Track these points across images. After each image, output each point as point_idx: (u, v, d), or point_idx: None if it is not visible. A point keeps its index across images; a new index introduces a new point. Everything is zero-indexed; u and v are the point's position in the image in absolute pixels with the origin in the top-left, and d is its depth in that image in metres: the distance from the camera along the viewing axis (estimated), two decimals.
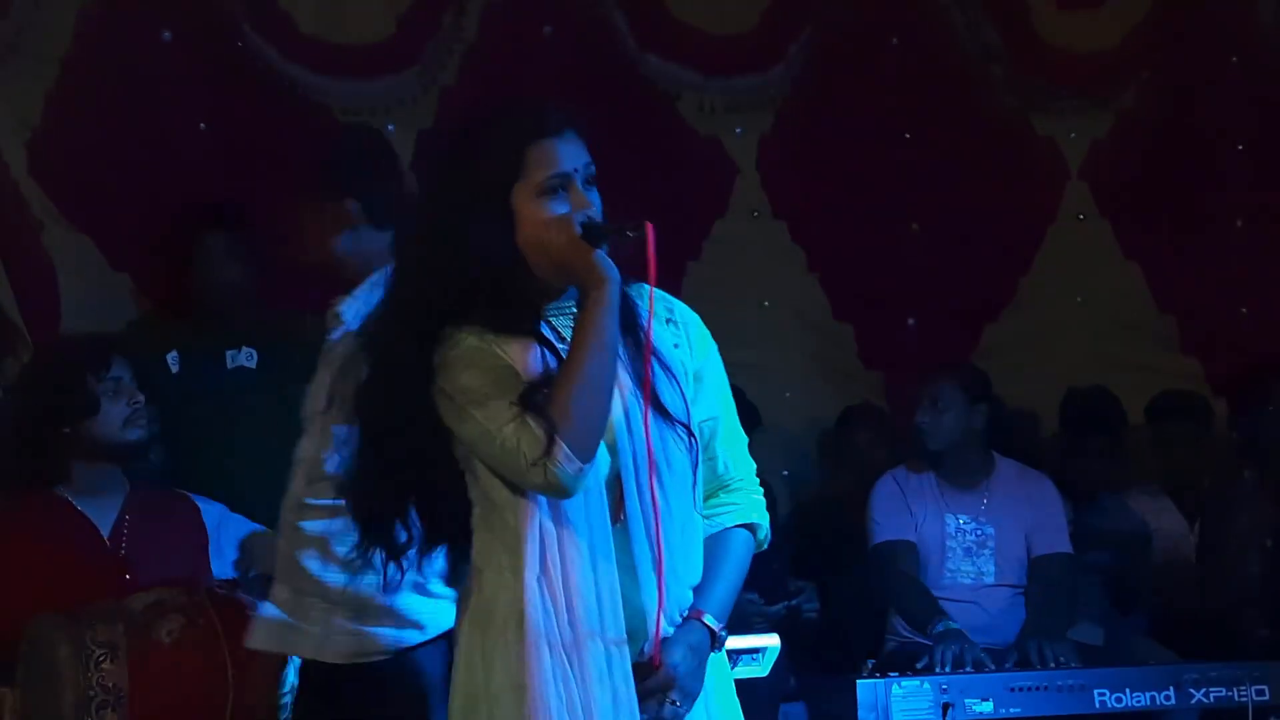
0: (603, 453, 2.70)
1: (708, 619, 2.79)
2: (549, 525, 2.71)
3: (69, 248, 5.35)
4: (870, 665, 4.48)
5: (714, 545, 2.85)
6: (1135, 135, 6.13)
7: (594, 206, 2.75)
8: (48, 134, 5.32)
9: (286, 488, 3.62)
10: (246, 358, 5.23)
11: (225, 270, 5.20)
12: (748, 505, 2.92)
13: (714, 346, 2.91)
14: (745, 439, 2.93)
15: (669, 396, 2.79)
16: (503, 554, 2.74)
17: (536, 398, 2.67)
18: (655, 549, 2.73)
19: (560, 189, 2.74)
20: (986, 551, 5.09)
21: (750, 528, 2.91)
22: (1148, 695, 4.36)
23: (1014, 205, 6.07)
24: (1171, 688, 4.37)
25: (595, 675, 2.69)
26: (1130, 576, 5.50)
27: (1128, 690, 4.36)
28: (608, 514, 2.73)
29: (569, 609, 2.70)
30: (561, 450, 2.62)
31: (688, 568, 2.79)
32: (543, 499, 2.70)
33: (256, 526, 4.71)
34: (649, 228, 2.69)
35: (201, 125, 5.47)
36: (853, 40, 5.96)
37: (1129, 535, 5.54)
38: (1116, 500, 5.61)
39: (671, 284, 2.86)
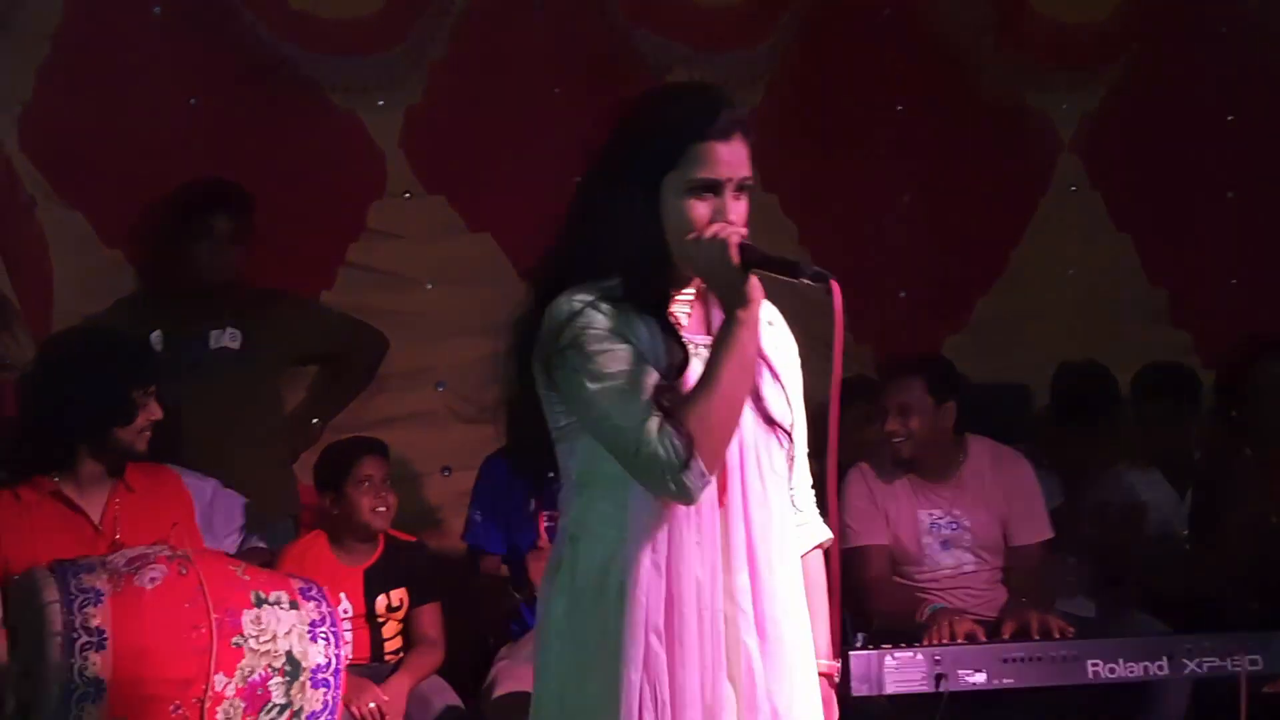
0: None
1: (821, 663, 2.88)
2: (661, 504, 2.73)
3: (61, 224, 5.36)
4: (862, 638, 4.49)
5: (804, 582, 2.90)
6: (1127, 107, 6.13)
7: (736, 219, 2.76)
8: (39, 110, 5.31)
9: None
10: (230, 338, 5.24)
11: (214, 249, 5.21)
12: (814, 522, 2.98)
13: (797, 358, 2.95)
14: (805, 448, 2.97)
15: (772, 398, 2.84)
16: (604, 524, 2.76)
17: (671, 401, 2.70)
18: (750, 537, 2.77)
19: (709, 192, 2.75)
20: (964, 543, 5.08)
21: (822, 546, 2.97)
22: (1141, 666, 4.36)
23: (1005, 177, 6.08)
24: (1165, 658, 4.37)
25: (691, 654, 2.72)
26: (1121, 549, 5.51)
27: (1121, 661, 4.36)
28: (715, 498, 2.76)
29: (670, 585, 2.73)
30: (697, 464, 2.66)
31: (781, 556, 2.82)
32: None
33: (246, 502, 4.74)
34: (835, 287, 2.69)
35: (191, 101, 5.46)
36: (843, 13, 5.96)
37: (1120, 508, 5.54)
38: (1108, 473, 5.61)
39: None
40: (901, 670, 4.31)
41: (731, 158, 2.76)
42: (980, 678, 4.34)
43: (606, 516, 2.76)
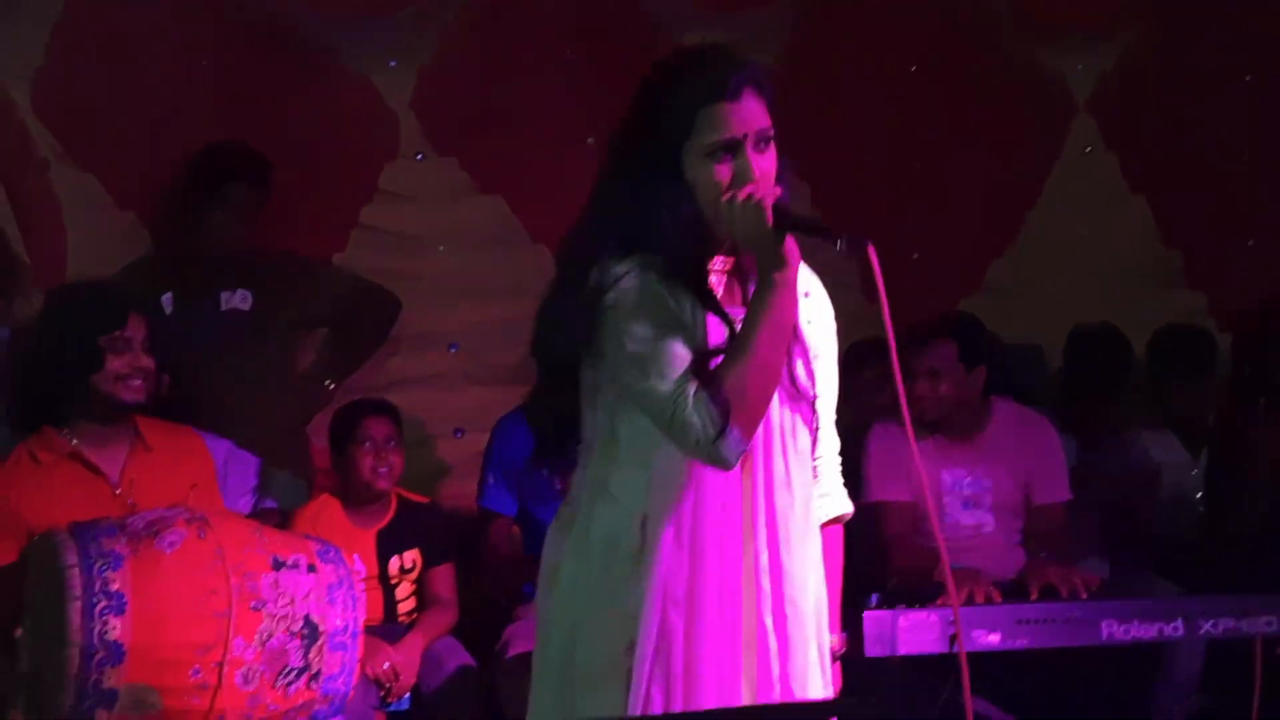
0: None
1: (831, 637, 2.89)
2: (685, 471, 2.72)
3: (75, 186, 5.35)
4: (876, 599, 4.48)
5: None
6: (1143, 68, 6.09)
7: (763, 173, 2.75)
8: (52, 72, 5.30)
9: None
10: (240, 300, 5.24)
11: (230, 217, 5.21)
12: (837, 493, 2.97)
13: (834, 325, 2.94)
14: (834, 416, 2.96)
15: (801, 375, 2.83)
16: (626, 488, 2.75)
17: (706, 368, 2.69)
18: (772, 517, 2.77)
19: (727, 153, 2.74)
20: (984, 504, 5.07)
21: (840, 519, 2.98)
22: (1155, 627, 4.34)
23: (1020, 139, 6.05)
24: (1180, 619, 4.35)
25: (710, 628, 2.72)
26: (1135, 511, 5.50)
27: (1135, 622, 4.34)
28: (739, 473, 2.75)
29: (691, 557, 2.72)
30: (734, 433, 2.65)
31: (801, 537, 2.82)
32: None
33: (260, 463, 4.74)
34: (872, 251, 2.68)
35: (204, 63, 5.45)
36: None
37: (1134, 470, 5.53)
38: (1122, 436, 5.60)
39: None
40: (916, 631, 4.30)
41: (743, 114, 2.75)
42: (995, 638, 4.32)
43: (629, 481, 2.75)
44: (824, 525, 2.93)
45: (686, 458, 2.71)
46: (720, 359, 2.71)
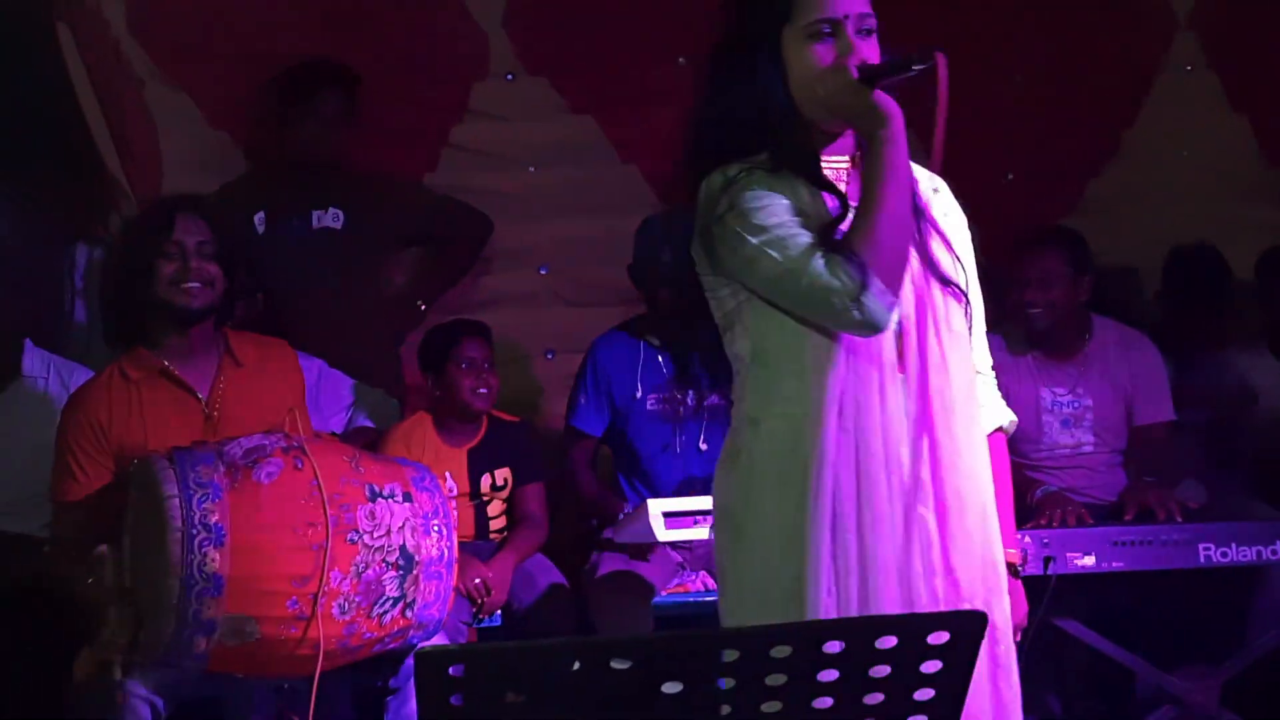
0: None
1: (1010, 551, 2.83)
2: (845, 369, 2.68)
3: (169, 105, 5.37)
4: None
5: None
6: None
7: (865, 56, 2.70)
8: None
9: None
10: (333, 218, 5.25)
11: (321, 126, 5.23)
12: (994, 404, 2.94)
13: (967, 229, 2.89)
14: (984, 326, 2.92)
15: (943, 258, 2.78)
16: (787, 403, 2.71)
17: (834, 237, 2.64)
18: (928, 401, 2.72)
19: (828, 35, 2.70)
20: (1085, 423, 5.02)
21: (1002, 430, 2.94)
22: (1253, 550, 4.31)
23: (1119, 56, 5.94)
24: (1278, 542, 4.32)
25: (883, 523, 2.67)
26: (1233, 434, 5.44)
27: (1233, 545, 4.31)
28: (895, 362, 2.71)
29: (858, 453, 2.68)
30: (876, 283, 2.60)
31: (964, 425, 2.76)
32: (838, 343, 2.67)
33: (353, 382, 4.77)
34: (940, 59, 2.64)
35: None
36: None
37: (1232, 393, 5.47)
38: (1219, 358, 5.53)
39: None
40: None
41: None
42: (1089, 561, 4.31)
43: (789, 395, 2.70)
44: (987, 434, 2.86)
45: (839, 352, 2.66)
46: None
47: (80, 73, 5.26)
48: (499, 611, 4.77)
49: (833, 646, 1.75)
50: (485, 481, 4.95)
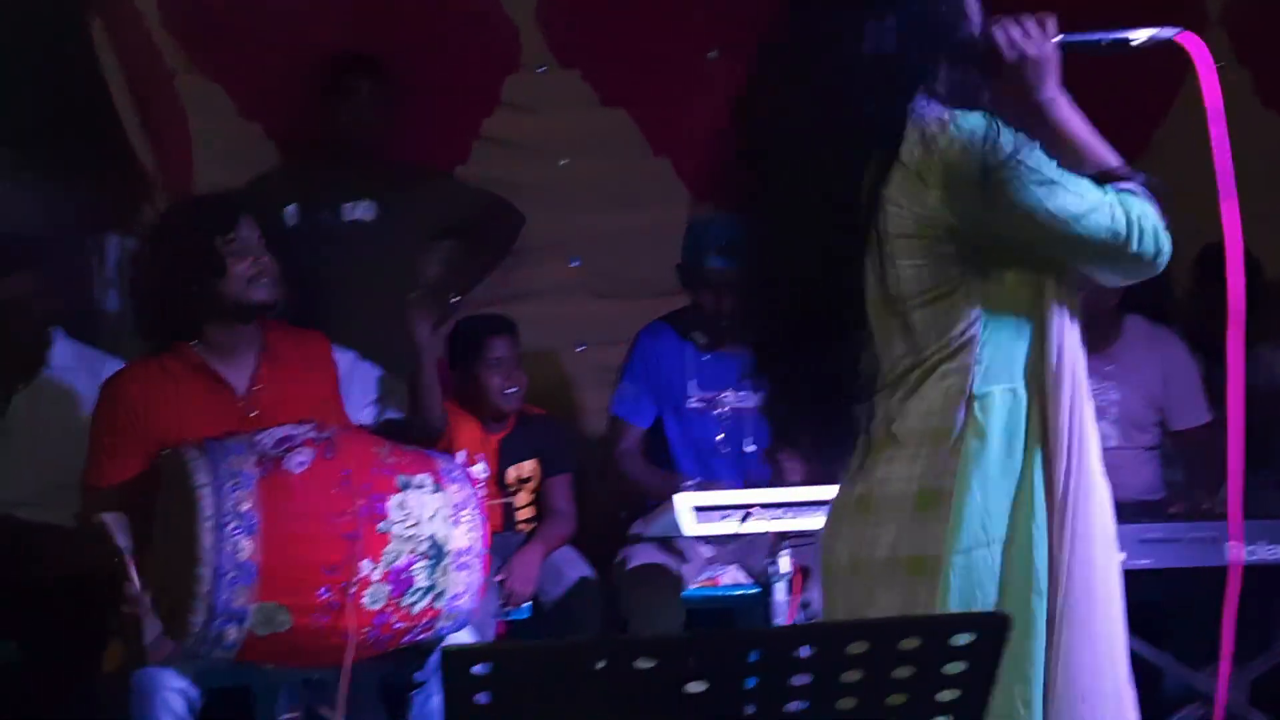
0: None
1: None
2: (1073, 333, 2.67)
3: (201, 96, 5.39)
4: None
5: None
6: None
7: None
8: None
9: None
10: (364, 211, 5.26)
11: (358, 112, 5.24)
12: None
13: None
14: None
15: None
16: (1014, 371, 2.63)
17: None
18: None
19: None
20: (1109, 416, 5.01)
21: None
22: None
23: (1149, 54, 5.89)
24: None
25: (1098, 496, 2.68)
26: (1264, 433, 5.41)
27: (1261, 544, 4.30)
28: None
29: (1077, 423, 2.67)
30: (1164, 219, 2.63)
31: None
32: (1066, 314, 2.66)
33: (382, 374, 4.78)
34: (1191, 53, 2.71)
35: None
36: None
37: (1262, 390, 5.45)
38: (1249, 356, 5.50)
39: None
40: None
41: None
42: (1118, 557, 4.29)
43: (1018, 362, 2.62)
44: None
45: (1069, 323, 2.64)
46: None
47: (112, 64, 5.28)
48: (528, 604, 4.79)
49: (857, 647, 1.76)
50: (512, 473, 4.97)
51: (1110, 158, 2.68)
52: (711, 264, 4.84)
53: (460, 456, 4.21)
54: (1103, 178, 2.63)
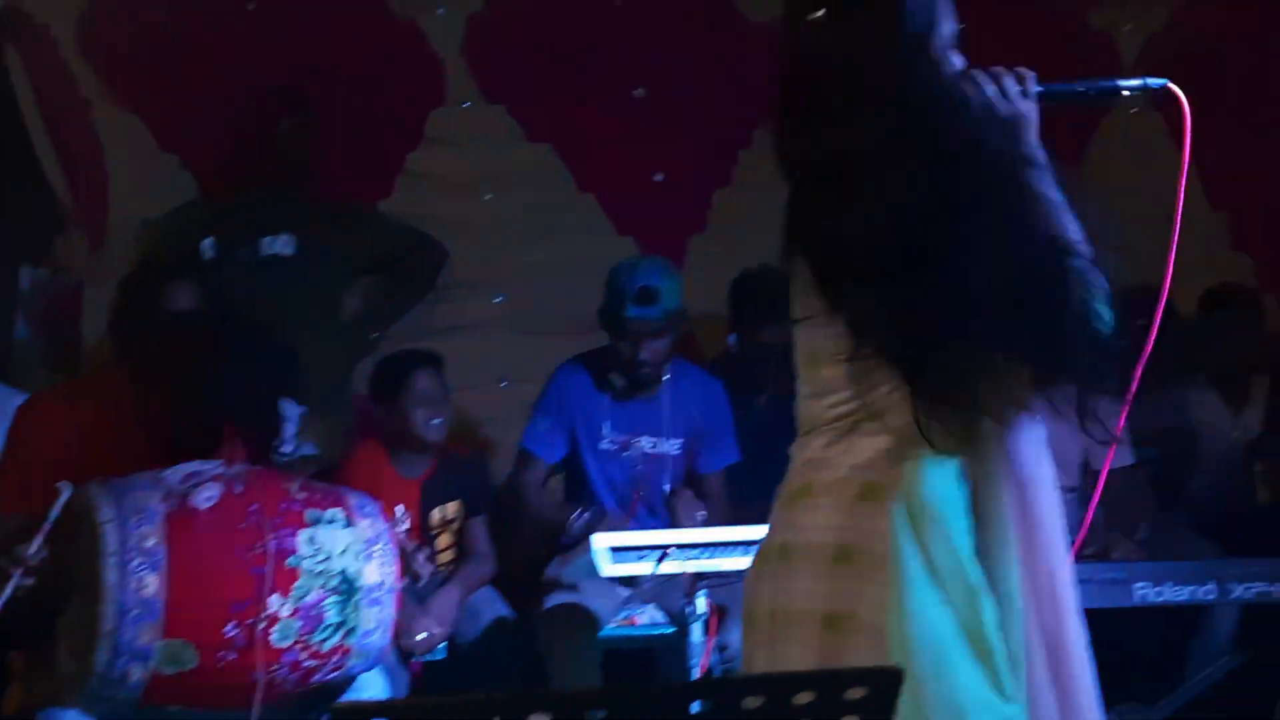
0: None
1: None
2: None
3: (118, 127, 5.37)
4: None
5: None
6: (1191, 29, 6.01)
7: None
8: (96, 13, 5.31)
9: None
10: (284, 245, 5.24)
11: (278, 154, 5.22)
12: None
13: None
14: None
15: None
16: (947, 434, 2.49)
17: None
18: None
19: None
20: None
21: None
22: (1188, 590, 4.34)
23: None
24: (1213, 582, 4.34)
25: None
26: (1176, 473, 5.47)
27: (1168, 585, 4.34)
28: None
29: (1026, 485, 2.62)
30: None
31: None
32: None
33: (302, 410, 4.75)
34: (1181, 101, 2.63)
35: (249, 6, 5.46)
36: None
37: (1174, 430, 5.51)
38: (1162, 394, 5.58)
39: None
40: None
41: None
42: None
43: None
44: None
45: None
46: None
47: (27, 94, 5.25)
48: (443, 644, 4.77)
49: (752, 701, 1.74)
50: (435, 515, 4.93)
51: (1072, 227, 2.57)
52: (630, 313, 4.85)
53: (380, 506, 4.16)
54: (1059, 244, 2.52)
